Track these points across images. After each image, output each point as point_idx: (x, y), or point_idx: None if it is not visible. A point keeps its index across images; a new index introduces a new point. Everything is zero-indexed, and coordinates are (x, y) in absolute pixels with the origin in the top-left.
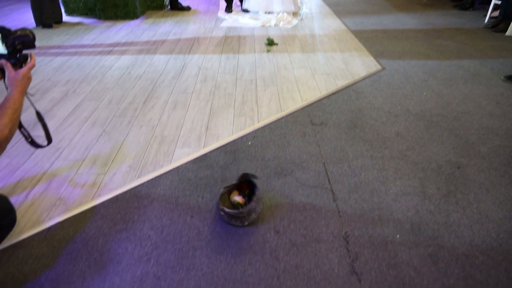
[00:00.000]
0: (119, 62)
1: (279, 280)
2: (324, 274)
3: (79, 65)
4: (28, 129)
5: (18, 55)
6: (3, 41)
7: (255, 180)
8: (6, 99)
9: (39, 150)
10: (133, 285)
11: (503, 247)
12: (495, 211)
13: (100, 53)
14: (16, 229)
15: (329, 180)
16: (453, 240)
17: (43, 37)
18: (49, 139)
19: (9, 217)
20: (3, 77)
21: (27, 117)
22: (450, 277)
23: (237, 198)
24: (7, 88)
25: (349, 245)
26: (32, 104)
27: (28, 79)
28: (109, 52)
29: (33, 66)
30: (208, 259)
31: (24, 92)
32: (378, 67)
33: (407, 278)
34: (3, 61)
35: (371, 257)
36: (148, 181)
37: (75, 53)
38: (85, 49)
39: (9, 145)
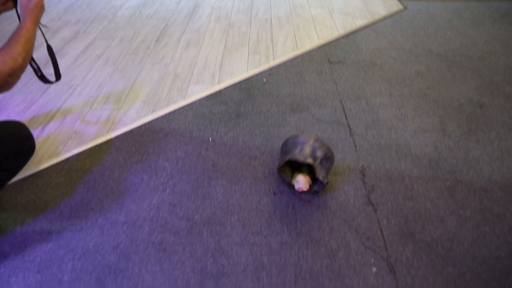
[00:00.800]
0: (130, 2)
1: (294, 209)
2: (339, 204)
3: (89, 4)
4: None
5: None
6: None
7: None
8: (19, 28)
9: (52, 87)
10: (149, 212)
11: None
12: None
13: None
14: (34, 159)
15: (346, 116)
16: (472, 175)
17: None
18: (58, 75)
19: (28, 143)
20: (15, 5)
21: (38, 55)
22: (466, 209)
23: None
24: (19, 17)
25: (365, 177)
26: (44, 36)
27: (41, 7)
28: None
29: None
30: (224, 189)
31: (37, 22)
32: (400, 7)
33: (423, 209)
34: None
35: (387, 189)
36: (162, 116)
37: None
38: None
39: (23, 82)
